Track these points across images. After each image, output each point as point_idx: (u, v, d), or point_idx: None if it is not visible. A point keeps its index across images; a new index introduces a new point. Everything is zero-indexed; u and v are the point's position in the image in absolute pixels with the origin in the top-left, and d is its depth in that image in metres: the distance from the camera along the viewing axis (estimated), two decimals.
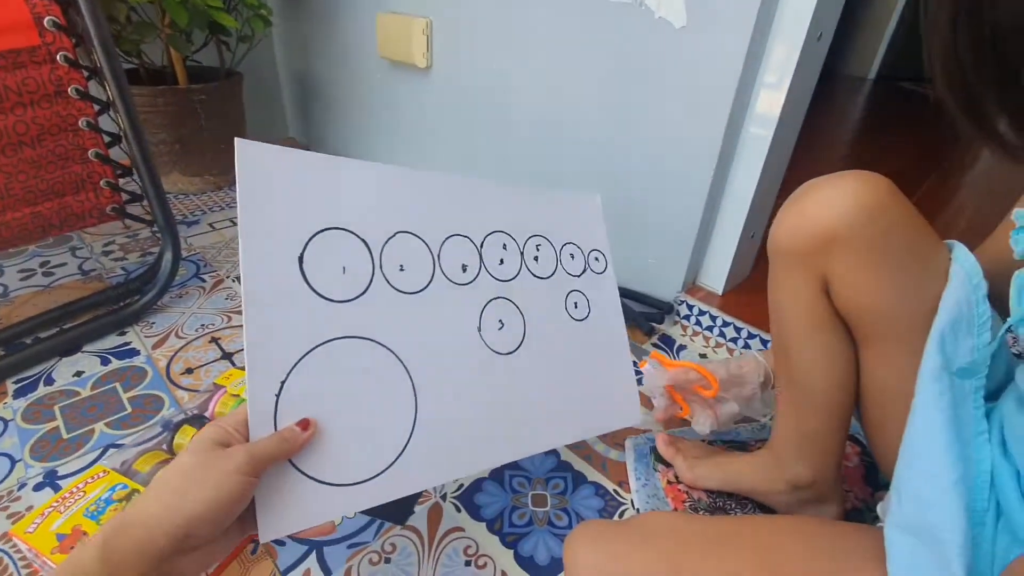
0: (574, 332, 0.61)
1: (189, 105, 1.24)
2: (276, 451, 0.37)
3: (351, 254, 0.46)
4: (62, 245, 1.11)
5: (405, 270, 0.49)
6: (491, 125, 1.11)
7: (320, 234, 0.44)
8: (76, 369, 0.79)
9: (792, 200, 0.49)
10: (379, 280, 0.47)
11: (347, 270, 0.46)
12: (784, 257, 0.50)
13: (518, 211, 0.61)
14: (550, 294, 0.61)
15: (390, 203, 0.50)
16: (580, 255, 0.65)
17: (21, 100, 0.70)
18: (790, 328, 0.52)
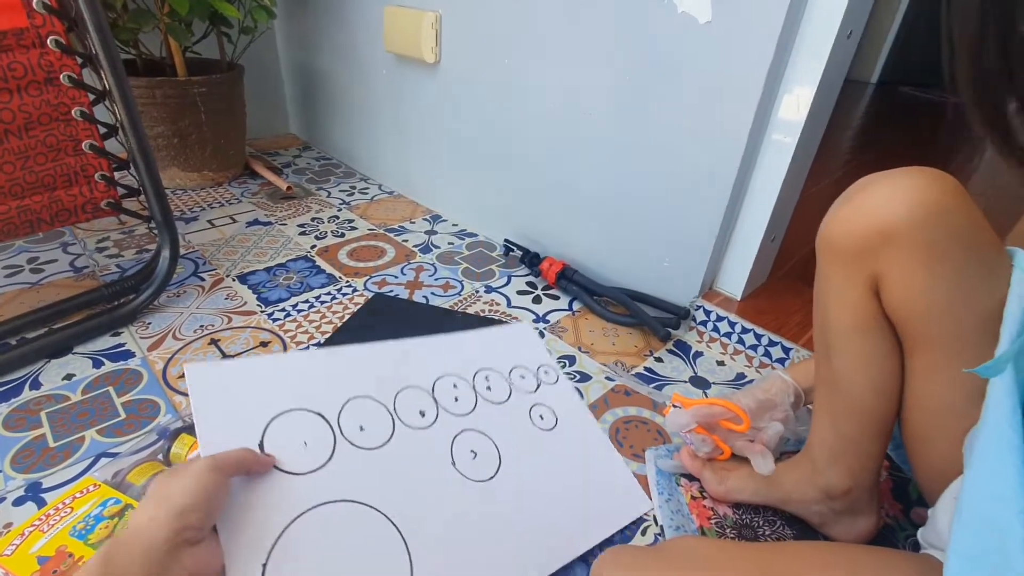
0: (548, 442, 0.64)
1: (188, 98, 1.20)
2: (236, 461, 0.42)
3: (309, 428, 0.50)
4: (53, 241, 1.06)
5: (365, 429, 0.53)
6: (501, 123, 1.07)
7: (275, 419, 0.49)
8: (66, 372, 0.75)
9: (848, 195, 0.46)
10: (342, 444, 0.51)
11: (308, 443, 0.49)
12: (835, 254, 0.47)
13: (458, 355, 0.67)
14: (512, 414, 0.64)
15: (338, 379, 0.56)
16: (529, 374, 0.70)
17: (7, 86, 0.66)
18: (834, 328, 0.50)
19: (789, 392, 0.62)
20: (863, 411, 0.50)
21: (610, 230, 0.97)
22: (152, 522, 0.35)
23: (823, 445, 0.54)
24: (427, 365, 0.63)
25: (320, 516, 0.45)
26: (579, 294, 0.98)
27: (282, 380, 0.53)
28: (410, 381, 0.60)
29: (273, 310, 0.91)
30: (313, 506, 0.46)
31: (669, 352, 0.88)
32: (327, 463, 0.49)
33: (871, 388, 0.49)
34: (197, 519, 0.37)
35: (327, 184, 1.43)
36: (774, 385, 0.62)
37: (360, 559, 0.45)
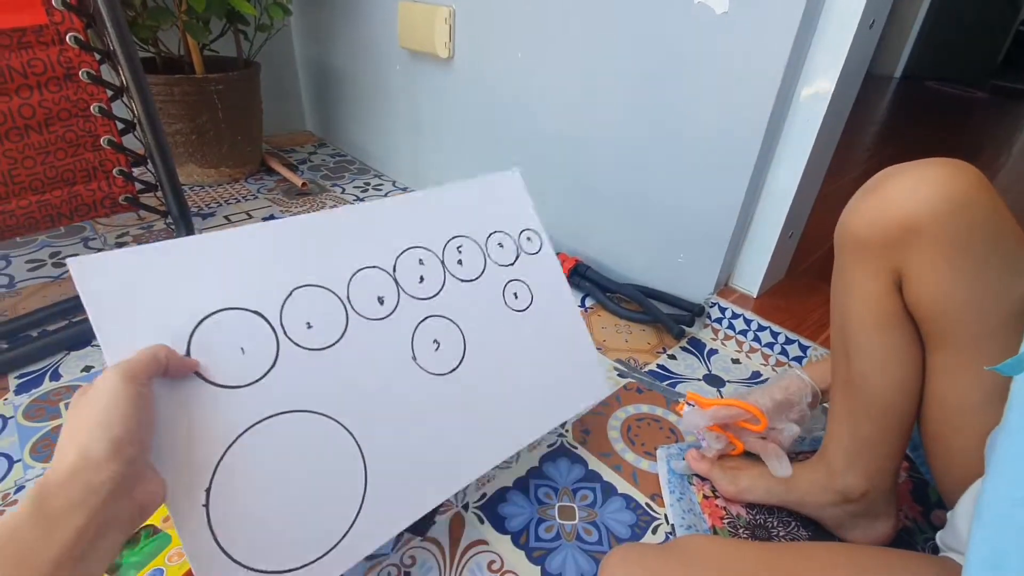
0: (519, 325, 0.58)
1: (206, 95, 1.22)
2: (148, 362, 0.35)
3: (246, 331, 0.42)
4: (74, 236, 1.08)
5: (313, 326, 0.45)
6: (514, 118, 1.07)
7: (201, 324, 0.40)
8: (85, 363, 0.76)
9: (870, 187, 0.44)
10: (287, 346, 0.43)
11: (246, 350, 0.42)
12: (856, 248, 0.46)
13: (428, 219, 0.57)
14: (484, 294, 0.57)
15: (275, 263, 0.45)
16: (510, 240, 0.62)
17: (27, 82, 0.67)
18: (853, 324, 0.48)
19: (807, 392, 0.60)
20: (883, 411, 0.49)
21: (624, 226, 0.96)
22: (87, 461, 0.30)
23: (839, 447, 0.53)
24: (391, 236, 0.53)
25: (266, 430, 0.40)
26: (592, 291, 0.97)
27: (205, 271, 0.42)
28: (369, 260, 0.51)
29: None
30: (257, 421, 0.40)
31: (683, 350, 0.87)
32: (270, 371, 0.42)
33: (892, 387, 0.47)
34: (134, 449, 0.32)
35: (342, 180, 1.44)
36: (792, 384, 0.61)
37: (312, 474, 0.42)
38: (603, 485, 0.63)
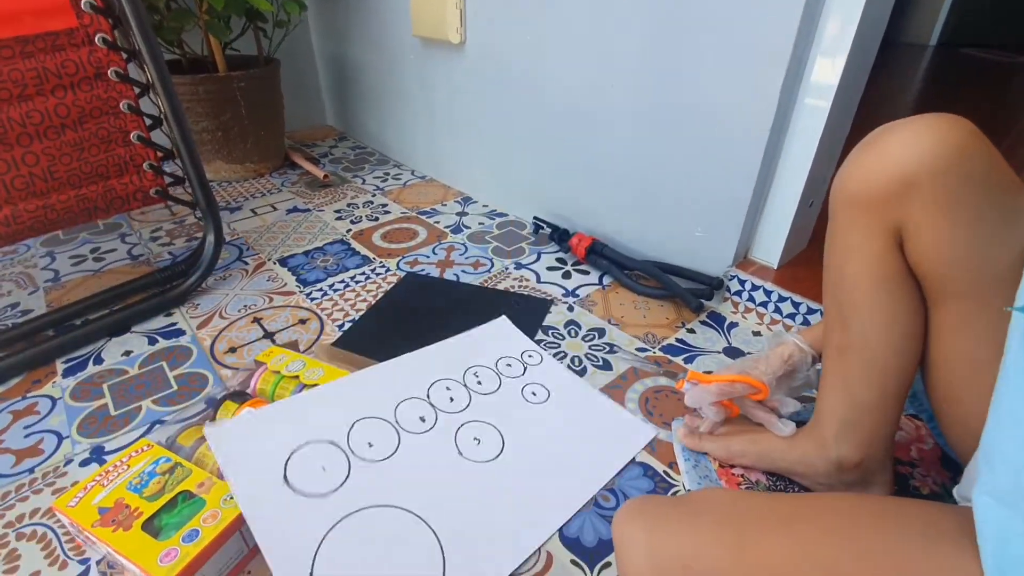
0: (544, 413, 0.68)
1: (229, 93, 1.26)
2: None
3: (324, 455, 0.57)
4: (112, 232, 1.14)
5: (373, 445, 0.59)
6: (526, 99, 1.07)
7: (293, 455, 0.56)
8: (125, 348, 0.80)
9: (866, 143, 0.44)
10: (356, 461, 0.57)
11: (326, 468, 0.56)
12: (853, 206, 0.45)
13: (445, 360, 0.73)
14: (505, 399, 0.69)
15: (340, 407, 0.62)
16: (515, 360, 0.76)
17: (61, 83, 0.71)
18: (851, 286, 0.47)
19: (806, 360, 0.60)
20: (882, 375, 0.48)
21: (640, 203, 0.96)
22: None
23: (833, 416, 0.52)
24: (419, 376, 0.70)
25: (350, 524, 0.51)
26: (609, 268, 0.97)
27: (291, 420, 0.59)
28: (406, 393, 0.67)
29: (311, 290, 0.94)
30: (341, 518, 0.52)
31: (702, 323, 0.86)
32: (346, 480, 0.55)
33: (893, 349, 0.47)
34: None
35: (362, 171, 1.47)
36: (793, 354, 0.60)
37: (394, 552, 0.50)
38: None
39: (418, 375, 0.70)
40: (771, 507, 0.41)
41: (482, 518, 0.54)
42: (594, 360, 0.78)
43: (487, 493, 0.57)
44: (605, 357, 0.78)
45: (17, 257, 1.04)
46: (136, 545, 0.48)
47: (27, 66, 0.68)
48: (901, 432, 0.65)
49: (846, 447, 0.51)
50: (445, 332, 0.78)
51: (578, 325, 0.85)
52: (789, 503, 0.42)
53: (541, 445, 0.63)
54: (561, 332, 0.84)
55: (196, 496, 0.52)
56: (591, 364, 0.77)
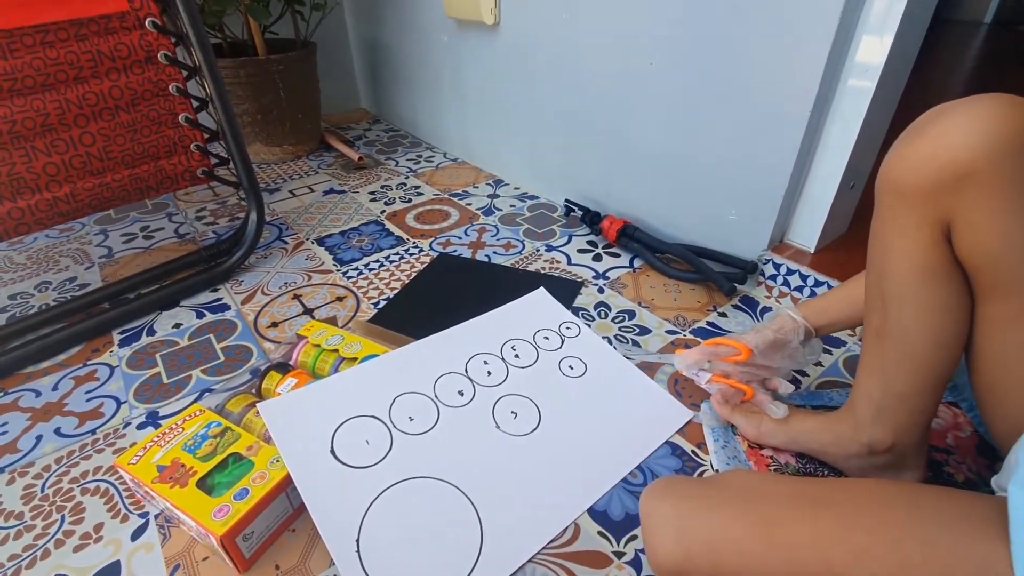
0: (581, 386, 0.69)
1: (268, 76, 1.29)
2: None
3: (368, 429, 0.60)
4: (159, 211, 1.19)
5: (414, 419, 0.62)
6: (560, 82, 1.06)
7: (339, 429, 0.59)
8: (175, 321, 0.85)
9: (916, 128, 0.42)
10: (397, 435, 0.60)
11: (369, 441, 0.59)
12: (900, 194, 0.44)
13: (483, 334, 0.75)
14: (542, 372, 0.70)
15: (382, 383, 0.65)
16: (553, 333, 0.77)
17: (115, 65, 0.74)
18: (895, 276, 0.46)
19: (799, 331, 0.61)
20: (921, 365, 0.47)
21: (673, 185, 0.95)
22: None
23: (869, 400, 0.51)
24: (457, 350, 0.71)
25: (393, 494, 0.54)
26: (640, 251, 0.97)
27: (336, 396, 0.62)
28: (445, 368, 0.69)
29: (347, 269, 0.97)
30: (385, 487, 0.54)
31: (734, 307, 0.86)
32: (388, 453, 0.58)
33: (933, 340, 0.46)
34: None
35: (395, 154, 1.49)
36: (785, 324, 0.62)
37: (434, 521, 0.53)
38: None
39: (456, 350, 0.72)
40: (801, 490, 0.41)
41: (518, 491, 0.56)
42: (624, 341, 0.78)
43: (523, 466, 0.59)
44: (634, 339, 0.79)
45: (73, 235, 1.10)
46: (192, 501, 0.51)
47: (82, 48, 0.71)
48: (938, 419, 0.64)
49: (879, 431, 0.51)
50: (477, 311, 0.80)
51: (608, 307, 0.86)
52: (820, 487, 0.42)
53: (577, 420, 0.64)
54: (591, 313, 0.84)
55: (245, 458, 0.55)
56: (620, 345, 0.78)
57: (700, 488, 0.44)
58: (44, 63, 0.69)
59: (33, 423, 0.68)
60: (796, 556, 0.38)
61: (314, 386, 0.63)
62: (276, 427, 0.57)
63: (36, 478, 0.61)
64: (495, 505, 0.54)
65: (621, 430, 0.64)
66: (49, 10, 0.69)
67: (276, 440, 0.55)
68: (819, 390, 0.70)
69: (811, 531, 0.38)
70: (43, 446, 0.64)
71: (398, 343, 0.73)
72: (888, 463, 0.53)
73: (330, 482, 0.54)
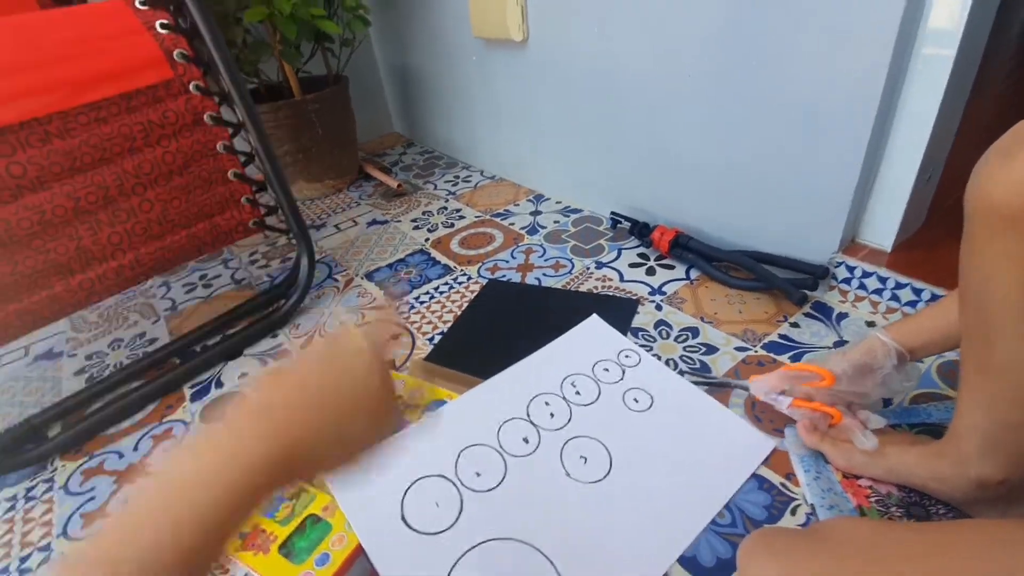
0: (650, 422, 0.66)
1: (305, 115, 1.31)
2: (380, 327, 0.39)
3: (436, 490, 0.58)
4: (215, 259, 1.23)
5: (481, 474, 0.60)
6: (594, 93, 1.03)
7: (407, 493, 0.57)
8: (241, 371, 0.87)
9: (1014, 144, 0.37)
10: (467, 493, 0.58)
11: (439, 503, 0.57)
12: (997, 218, 0.39)
13: (540, 373, 0.72)
14: (606, 409, 0.67)
15: (444, 439, 0.63)
16: (612, 364, 0.73)
17: (165, 132, 0.76)
18: (997, 308, 0.41)
19: (891, 354, 0.56)
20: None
21: (726, 189, 0.90)
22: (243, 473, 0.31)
23: (975, 432, 0.47)
24: (516, 393, 0.69)
25: (469, 561, 0.52)
26: (696, 261, 0.93)
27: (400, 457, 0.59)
28: (506, 415, 0.66)
29: (399, 304, 0.97)
30: (460, 555, 0.52)
31: (806, 316, 0.81)
32: (460, 515, 0.56)
33: None
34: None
35: (432, 177, 1.49)
36: (874, 347, 0.57)
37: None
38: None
39: (515, 393, 0.69)
40: (917, 542, 0.37)
41: (599, 544, 0.54)
42: (690, 363, 0.75)
43: (601, 516, 0.56)
44: (702, 359, 0.75)
45: (138, 289, 1.15)
46: (275, 568, 0.51)
47: (133, 120, 0.74)
48: None
49: (989, 466, 0.46)
50: (534, 338, 0.78)
51: (669, 325, 0.82)
52: (939, 537, 0.38)
53: (651, 460, 0.61)
54: (651, 334, 0.81)
55: (322, 519, 0.55)
56: (687, 367, 0.74)
57: (805, 543, 0.40)
58: (100, 139, 0.72)
59: (119, 486, 0.70)
60: None
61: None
62: (344, 499, 0.56)
63: None
64: (576, 563, 0.52)
65: (701, 466, 0.60)
66: (100, 87, 0.71)
67: (345, 511, 0.54)
68: (914, 405, 0.65)
69: None
70: None
71: (458, 381, 0.72)
72: (998, 496, 0.48)
73: (404, 553, 0.53)
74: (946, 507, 0.53)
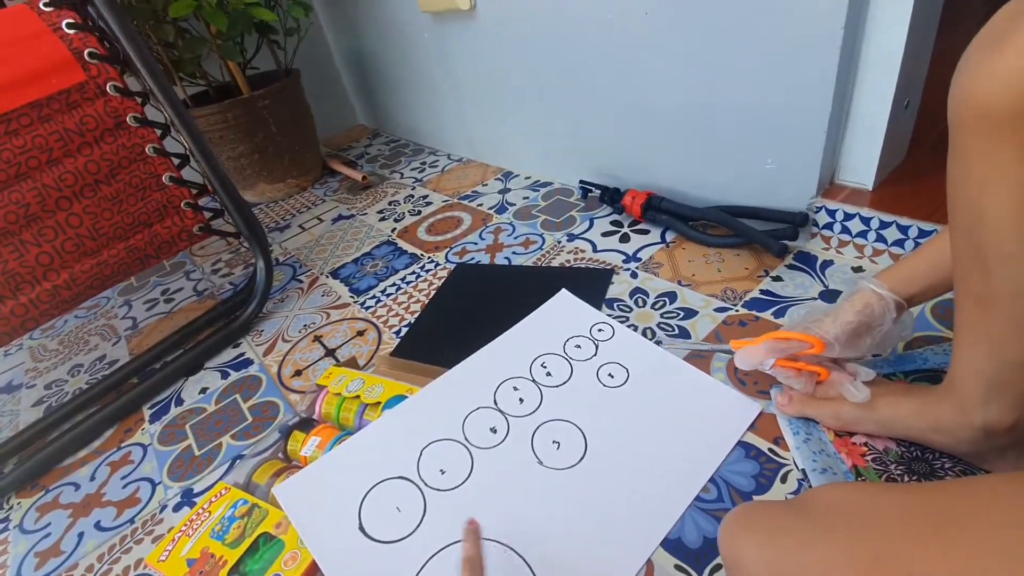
0: (625, 396, 0.61)
1: (256, 113, 1.25)
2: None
3: (397, 494, 0.53)
4: (177, 271, 1.18)
5: (446, 471, 0.55)
6: (551, 53, 0.97)
7: (364, 500, 0.53)
8: (201, 386, 0.82)
9: (994, 37, 0.32)
10: (430, 493, 0.53)
11: (401, 508, 0.52)
12: (987, 122, 0.33)
13: (507, 356, 0.67)
14: (580, 387, 0.63)
15: (402, 437, 0.58)
16: (585, 340, 0.68)
17: (85, 140, 0.71)
18: (992, 229, 0.36)
19: (889, 308, 0.50)
20: None
21: (694, 143, 0.85)
22: None
23: (977, 377, 0.42)
24: (482, 381, 0.64)
25: (435, 567, 0.48)
26: (671, 223, 0.88)
27: (357, 462, 0.56)
28: (471, 404, 0.62)
29: (364, 299, 0.92)
30: (425, 561, 0.48)
31: (789, 268, 0.76)
32: (423, 518, 0.52)
33: None
34: None
35: (398, 166, 1.43)
36: (868, 303, 0.50)
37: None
38: None
39: (481, 381, 0.64)
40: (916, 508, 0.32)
41: (575, 536, 0.49)
42: (669, 330, 0.70)
43: (576, 505, 0.51)
44: (680, 324, 0.70)
45: (99, 311, 1.11)
46: None
47: (48, 130, 0.68)
48: None
49: (995, 410, 0.42)
50: (504, 321, 0.73)
51: (645, 292, 0.78)
52: (938, 497, 0.33)
53: (628, 439, 0.56)
54: (627, 304, 0.76)
55: (276, 538, 0.51)
56: (666, 335, 0.69)
57: (789, 518, 0.36)
58: (13, 153, 0.67)
59: (75, 519, 0.66)
60: None
61: (331, 455, 0.57)
62: (295, 512, 0.51)
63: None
64: (552, 558, 0.48)
65: (682, 439, 0.55)
66: (6, 98, 0.66)
67: (297, 526, 0.50)
68: (909, 352, 0.60)
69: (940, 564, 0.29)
70: (85, 543, 0.63)
71: (424, 374, 0.68)
72: (1008, 443, 0.43)
73: (363, 565, 0.48)
74: (952, 460, 0.49)
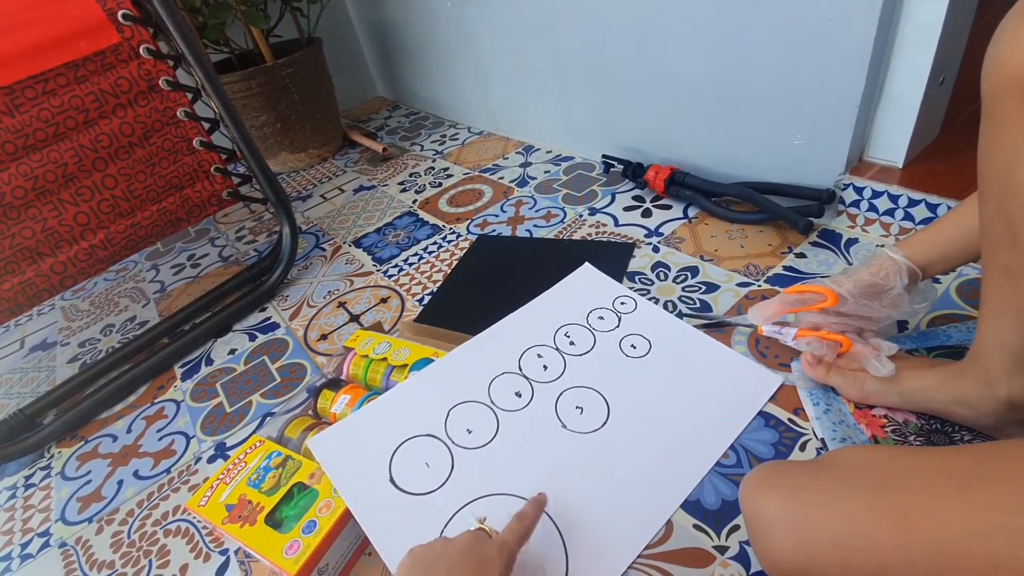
0: (648, 367, 0.62)
1: (279, 81, 1.26)
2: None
3: (425, 450, 0.55)
4: (202, 238, 1.20)
5: (473, 431, 0.57)
6: (576, 26, 0.96)
7: (395, 455, 0.55)
8: (230, 347, 0.85)
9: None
10: (457, 451, 0.55)
11: (429, 464, 0.54)
12: (1020, 91, 0.34)
13: (532, 325, 0.68)
14: (603, 357, 0.64)
15: (432, 396, 0.60)
16: (608, 311, 0.69)
17: (119, 102, 0.72)
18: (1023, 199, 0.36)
19: (902, 272, 0.50)
20: None
21: (720, 118, 0.84)
22: None
23: (1004, 350, 0.42)
24: (507, 348, 0.66)
25: (462, 519, 0.50)
26: (694, 198, 0.88)
27: (388, 418, 0.58)
28: (497, 369, 0.63)
29: (387, 267, 0.94)
30: (453, 513, 0.50)
31: (813, 245, 0.76)
32: (451, 474, 0.53)
33: None
34: None
35: (419, 138, 1.43)
36: (883, 265, 0.51)
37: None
38: None
39: (506, 347, 0.66)
40: (941, 466, 0.33)
41: (598, 496, 0.51)
42: (690, 303, 0.71)
43: (599, 467, 0.53)
44: (702, 298, 0.71)
45: (128, 274, 1.13)
46: (262, 539, 0.50)
47: (85, 91, 0.69)
48: None
49: (1020, 383, 0.42)
50: (526, 292, 0.74)
51: (667, 267, 0.78)
52: (962, 459, 0.34)
53: (650, 407, 0.58)
54: (649, 277, 0.77)
55: (309, 487, 0.53)
56: (687, 308, 0.70)
57: (811, 475, 0.37)
58: (51, 113, 0.68)
59: (114, 468, 0.69)
60: (948, 551, 0.30)
61: (363, 411, 0.59)
62: (329, 463, 0.53)
63: (122, 524, 0.62)
64: (576, 515, 0.49)
65: (703, 408, 0.57)
66: (43, 59, 0.67)
67: (331, 476, 0.52)
68: (932, 328, 0.60)
69: (963, 519, 0.30)
70: (125, 490, 0.66)
71: (448, 340, 0.69)
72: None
73: (395, 515, 0.50)
74: (971, 432, 0.49)
